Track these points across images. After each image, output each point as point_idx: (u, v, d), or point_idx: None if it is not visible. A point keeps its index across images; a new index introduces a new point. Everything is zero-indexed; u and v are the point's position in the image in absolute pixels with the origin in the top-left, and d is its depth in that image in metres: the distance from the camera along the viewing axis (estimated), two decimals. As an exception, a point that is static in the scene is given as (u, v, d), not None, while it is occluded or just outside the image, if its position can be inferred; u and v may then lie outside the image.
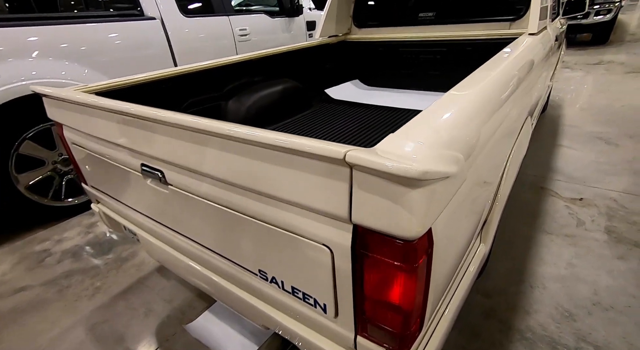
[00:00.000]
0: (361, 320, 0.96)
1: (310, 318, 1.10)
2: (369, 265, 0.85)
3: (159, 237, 1.64)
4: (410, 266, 0.78)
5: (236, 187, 1.03)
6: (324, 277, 0.96)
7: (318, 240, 0.90)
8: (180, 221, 1.37)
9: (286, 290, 1.11)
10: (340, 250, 0.87)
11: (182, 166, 1.15)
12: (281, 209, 0.95)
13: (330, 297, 0.98)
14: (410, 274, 0.80)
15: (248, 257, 1.17)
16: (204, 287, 1.54)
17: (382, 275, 0.84)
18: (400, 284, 0.82)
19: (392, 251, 0.79)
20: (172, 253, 1.55)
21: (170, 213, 1.39)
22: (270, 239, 1.03)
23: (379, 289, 0.87)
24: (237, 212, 1.07)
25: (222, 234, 1.20)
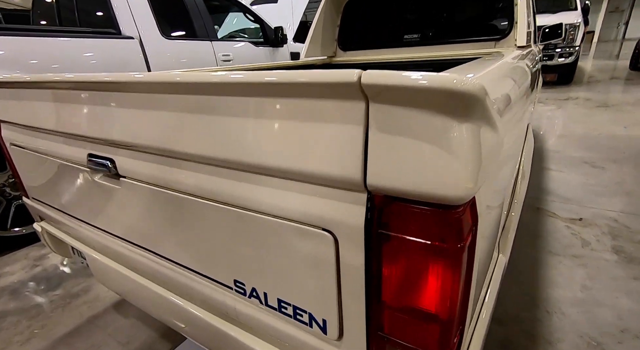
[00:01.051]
0: (377, 340, 0.69)
1: (304, 344, 0.81)
2: (391, 253, 0.60)
3: (111, 256, 1.33)
4: (453, 247, 0.54)
5: (208, 162, 0.78)
6: (323, 280, 0.69)
7: (315, 223, 0.65)
8: (135, 228, 1.08)
9: (270, 305, 0.83)
10: (347, 235, 0.62)
11: (137, 146, 0.90)
12: (266, 187, 0.71)
13: (332, 309, 0.71)
14: (452, 261, 0.55)
15: (221, 265, 0.89)
16: (168, 319, 1.21)
17: (411, 267, 0.59)
18: (438, 277, 0.57)
19: (426, 226, 0.55)
20: (128, 275, 1.23)
21: (123, 219, 1.10)
22: (250, 233, 0.77)
23: (404, 290, 0.61)
24: (208, 200, 0.82)
25: (188, 235, 0.93)
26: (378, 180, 0.55)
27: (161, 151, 0.86)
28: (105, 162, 1.01)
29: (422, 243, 0.56)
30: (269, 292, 0.82)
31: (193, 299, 1.06)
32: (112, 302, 2.17)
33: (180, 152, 0.80)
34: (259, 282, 0.83)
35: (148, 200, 0.97)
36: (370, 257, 0.62)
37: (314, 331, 0.77)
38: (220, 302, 0.95)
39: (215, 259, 0.89)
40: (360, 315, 0.68)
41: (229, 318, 0.99)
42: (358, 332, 0.70)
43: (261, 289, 0.83)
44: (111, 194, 1.09)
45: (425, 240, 0.55)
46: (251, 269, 0.82)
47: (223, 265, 0.89)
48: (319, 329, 0.75)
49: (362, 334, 0.69)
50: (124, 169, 0.98)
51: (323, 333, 0.75)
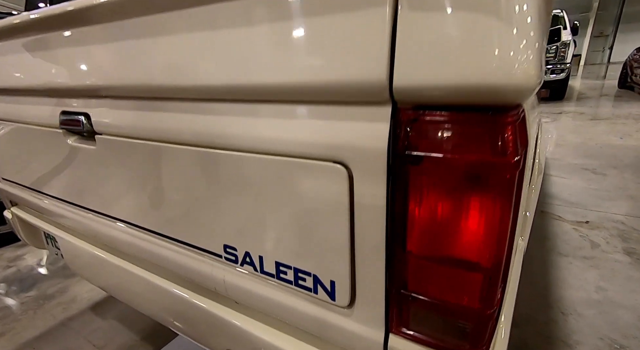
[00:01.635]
0: (399, 302, 0.56)
1: (306, 317, 0.67)
2: (421, 184, 0.48)
3: (86, 237, 1.18)
4: (506, 163, 0.42)
5: (194, 95, 0.66)
6: (332, 230, 0.57)
7: (323, 154, 0.54)
8: (113, 197, 0.95)
9: (266, 272, 0.69)
10: (365, 165, 0.51)
11: (114, 89, 0.78)
12: (263, 117, 0.59)
13: (343, 266, 0.58)
14: (503, 186, 0.44)
15: (210, 229, 0.76)
16: (149, 308, 1.06)
17: (447, 200, 0.47)
18: (483, 212, 0.45)
19: (470, 139, 0.43)
20: (105, 258, 1.08)
21: (100, 188, 0.97)
22: (244, 182, 0.65)
23: (438, 234, 0.49)
24: (195, 146, 0.69)
25: (171, 197, 0.80)
26: (408, 80, 0.43)
27: (140, 91, 0.74)
28: (79, 117, 0.88)
29: (464, 163, 0.44)
30: (266, 256, 0.68)
31: (177, 279, 0.92)
32: (89, 303, 1.98)
33: (161, 86, 0.68)
34: (253, 245, 0.69)
35: (127, 159, 0.84)
36: (394, 192, 0.50)
37: (319, 298, 0.63)
38: (207, 276, 0.81)
39: (204, 223, 0.76)
40: (378, 271, 0.55)
41: (218, 297, 0.85)
42: (375, 294, 0.57)
43: (256, 252, 0.70)
44: (87, 159, 0.96)
45: (469, 158, 0.44)
46: (244, 230, 0.69)
47: (212, 229, 0.75)
48: (326, 294, 0.62)
49: (380, 295, 0.56)
50: (100, 123, 0.86)
51: (330, 299, 0.62)
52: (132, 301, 1.12)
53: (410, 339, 0.56)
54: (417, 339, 0.55)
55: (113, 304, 1.96)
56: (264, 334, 0.75)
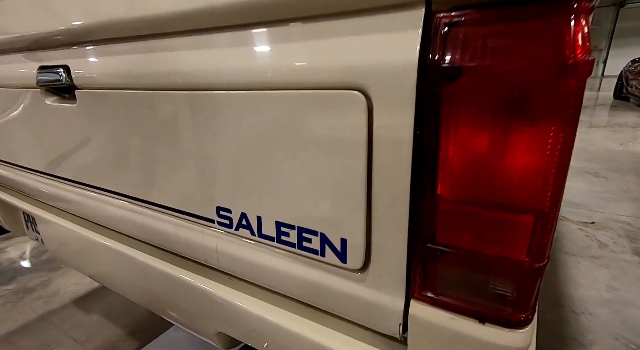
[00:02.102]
0: (424, 259, 0.47)
1: (310, 287, 0.58)
2: (461, 103, 0.39)
3: (67, 213, 1.08)
4: (575, 66, 0.34)
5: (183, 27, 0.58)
6: (344, 175, 0.48)
7: (336, 81, 0.45)
8: (94, 162, 0.86)
9: (265, 235, 0.60)
10: (389, 86, 0.42)
11: (95, 29, 0.69)
12: (266, 44, 0.51)
13: (357, 219, 0.49)
14: (568, 99, 0.35)
15: (202, 191, 0.67)
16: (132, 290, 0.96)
17: (493, 121, 0.39)
18: (543, 131, 0.37)
19: (526, 36, 0.35)
20: (86, 236, 0.98)
21: (80, 154, 0.88)
22: (241, 129, 0.56)
23: (480, 165, 0.40)
24: (184, 90, 0.61)
25: (158, 154, 0.71)
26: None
27: (123, 28, 0.65)
28: (58, 71, 0.79)
29: (517, 75, 0.36)
30: (265, 216, 0.59)
31: (164, 254, 0.83)
32: (73, 297, 1.86)
33: (147, 17, 0.60)
34: (250, 204, 0.60)
35: (108, 115, 0.75)
36: (423, 121, 0.42)
37: (327, 261, 0.54)
38: (198, 245, 0.71)
39: (195, 183, 0.67)
40: (400, 222, 0.46)
41: (209, 272, 0.75)
42: (394, 252, 0.48)
43: (253, 212, 0.60)
44: (67, 121, 0.86)
45: (523, 66, 0.35)
46: (241, 187, 0.60)
47: (204, 190, 0.66)
48: (335, 256, 0.53)
49: (401, 252, 0.47)
50: (80, 76, 0.77)
51: (340, 261, 0.52)
52: (116, 284, 1.02)
53: (436, 305, 0.47)
54: (445, 304, 0.46)
55: (99, 298, 1.85)
56: (261, 311, 0.65)
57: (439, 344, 0.48)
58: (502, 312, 0.43)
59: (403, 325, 0.50)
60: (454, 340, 0.46)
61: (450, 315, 0.46)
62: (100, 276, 1.07)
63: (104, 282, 1.07)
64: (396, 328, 0.51)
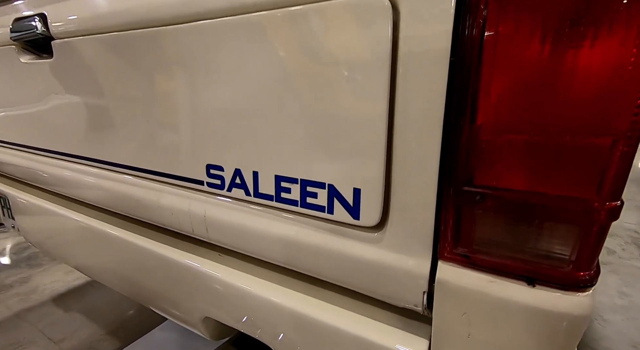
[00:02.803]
0: (458, 208, 0.38)
1: (315, 254, 0.49)
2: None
3: (37, 188, 0.99)
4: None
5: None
6: (359, 107, 0.40)
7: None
8: (72, 125, 0.77)
9: (263, 194, 0.51)
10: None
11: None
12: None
13: (375, 163, 0.40)
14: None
15: (189, 148, 0.58)
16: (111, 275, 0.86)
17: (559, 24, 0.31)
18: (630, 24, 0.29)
19: None
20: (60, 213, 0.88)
21: (57, 117, 0.79)
22: (237, 64, 0.48)
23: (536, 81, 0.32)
24: (169, 25, 0.53)
25: (143, 107, 0.62)
26: None
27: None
28: (33, 19, 0.71)
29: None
30: (262, 170, 0.50)
31: (145, 229, 0.73)
32: (52, 295, 1.74)
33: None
34: (245, 158, 0.52)
35: (86, 66, 0.67)
36: (462, 26, 0.34)
37: (336, 219, 0.45)
38: (184, 213, 0.62)
39: (181, 139, 0.59)
40: (428, 161, 0.38)
41: (195, 247, 0.66)
42: (420, 201, 0.39)
43: (249, 168, 0.52)
44: (42, 80, 0.78)
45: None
46: (234, 138, 0.52)
47: (192, 146, 0.58)
48: (346, 211, 0.44)
49: (430, 199, 0.38)
50: (58, 22, 0.69)
51: (352, 218, 0.44)
52: (93, 267, 0.91)
53: (471, 266, 0.38)
54: (483, 264, 0.37)
55: (79, 295, 1.73)
56: (256, 289, 0.56)
57: (474, 316, 0.38)
58: (558, 270, 0.34)
59: (428, 294, 0.41)
60: (494, 310, 0.37)
61: (489, 278, 0.37)
62: (75, 259, 0.97)
63: (79, 266, 0.97)
64: (419, 299, 0.42)
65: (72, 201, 0.89)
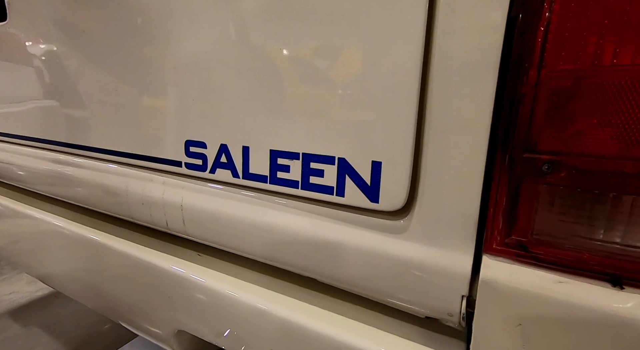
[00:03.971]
0: (515, 183, 0.29)
1: (319, 248, 0.39)
2: None
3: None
4: None
5: None
6: (382, 51, 0.31)
7: None
8: (27, 102, 0.66)
9: (254, 175, 0.41)
10: None
11: None
12: None
13: (403, 122, 0.31)
14: None
15: (164, 120, 0.48)
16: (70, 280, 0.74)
17: None
18: None
19: None
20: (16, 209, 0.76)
21: (5, 93, 0.68)
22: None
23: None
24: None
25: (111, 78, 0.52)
26: None
27: None
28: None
29: None
30: (254, 144, 0.41)
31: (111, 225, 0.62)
32: (9, 307, 1.57)
33: None
34: (233, 130, 0.42)
35: (48, 26, 0.57)
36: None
37: (348, 203, 0.35)
38: (156, 204, 0.51)
39: (154, 111, 0.48)
40: (476, 118, 0.29)
41: (170, 246, 0.55)
42: (461, 172, 0.30)
43: (237, 143, 0.42)
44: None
45: None
46: (219, 106, 0.42)
47: (167, 119, 0.48)
48: (361, 192, 0.34)
49: (475, 171, 0.29)
50: None
51: (369, 200, 0.34)
52: (50, 272, 0.78)
53: (531, 262, 0.29)
54: (548, 259, 0.28)
55: (41, 308, 1.56)
56: (243, 295, 0.45)
57: (532, 329, 0.29)
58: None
59: (468, 301, 0.32)
60: (563, 321, 0.28)
61: (557, 277, 0.28)
62: (32, 264, 0.84)
63: (38, 274, 0.83)
64: (455, 306, 0.32)
65: (30, 195, 0.77)
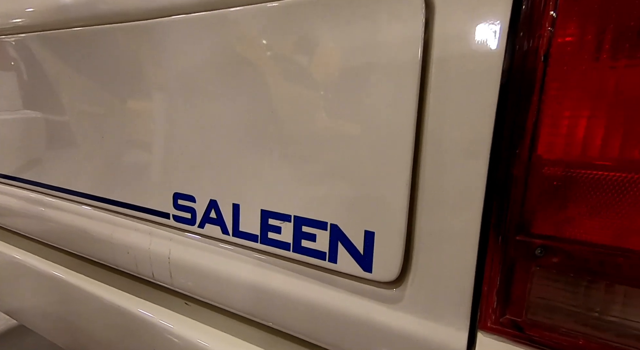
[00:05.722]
0: (510, 264, 0.29)
1: (311, 313, 0.38)
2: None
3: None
4: None
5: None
6: (376, 122, 0.31)
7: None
8: (10, 142, 0.64)
9: (244, 233, 0.40)
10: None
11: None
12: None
13: (396, 195, 0.31)
14: None
15: (152, 170, 0.47)
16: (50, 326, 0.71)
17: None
18: None
19: None
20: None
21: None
22: (214, 68, 0.38)
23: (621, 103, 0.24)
24: (129, 22, 0.43)
25: (96, 123, 0.51)
26: None
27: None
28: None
29: None
30: (245, 203, 0.40)
31: (94, 271, 0.60)
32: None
33: None
34: (224, 187, 0.41)
35: (30, 66, 0.56)
36: (526, 20, 0.26)
37: (340, 270, 0.35)
38: (142, 254, 0.50)
39: (142, 160, 0.47)
40: (468, 198, 0.29)
41: (156, 295, 0.53)
42: (456, 248, 0.30)
43: (228, 200, 0.41)
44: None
45: None
46: (210, 161, 0.41)
47: (156, 169, 0.47)
48: (354, 261, 0.34)
49: (469, 249, 0.29)
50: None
51: (362, 269, 0.33)
52: (27, 314, 0.75)
53: (526, 342, 0.28)
54: (543, 340, 0.28)
55: (15, 337, 1.50)
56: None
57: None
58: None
59: (462, 376, 0.31)
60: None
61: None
62: (12, 307, 0.80)
63: (18, 316, 0.80)
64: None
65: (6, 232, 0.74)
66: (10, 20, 0.52)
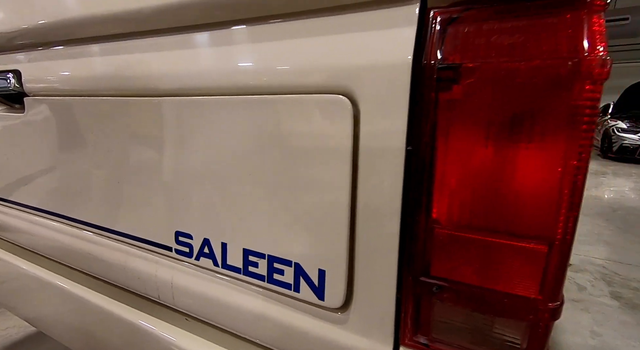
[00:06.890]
0: (417, 296, 0.39)
1: (281, 330, 0.48)
2: (464, 110, 0.34)
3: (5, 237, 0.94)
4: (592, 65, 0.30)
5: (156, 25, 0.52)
6: (323, 192, 0.41)
7: (316, 84, 0.40)
8: (40, 180, 0.75)
9: (230, 266, 0.51)
10: (380, 88, 0.37)
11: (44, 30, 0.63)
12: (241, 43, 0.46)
13: (338, 245, 0.41)
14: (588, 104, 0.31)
15: (158, 213, 0.58)
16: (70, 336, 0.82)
17: (501, 131, 0.33)
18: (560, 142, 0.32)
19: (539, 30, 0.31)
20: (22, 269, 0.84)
21: (25, 170, 0.77)
22: (208, 141, 0.49)
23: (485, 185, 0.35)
24: (152, 96, 0.54)
25: (112, 169, 0.62)
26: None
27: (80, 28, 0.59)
28: (7, 76, 0.71)
29: (532, 73, 0.31)
30: (231, 242, 0.51)
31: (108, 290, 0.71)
32: (3, 343, 1.62)
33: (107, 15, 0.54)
34: (215, 229, 0.52)
35: (61, 125, 0.67)
36: (418, 129, 0.36)
37: (301, 298, 0.45)
38: (150, 278, 0.60)
39: (152, 204, 0.58)
40: (388, 250, 0.39)
41: (161, 311, 0.64)
42: (381, 286, 0.40)
43: (218, 239, 0.52)
44: (12, 135, 0.77)
45: (539, 64, 0.31)
46: (204, 209, 0.52)
47: (162, 212, 0.57)
48: (312, 291, 0.44)
49: (389, 287, 0.40)
50: (32, 80, 0.69)
51: (317, 298, 0.44)
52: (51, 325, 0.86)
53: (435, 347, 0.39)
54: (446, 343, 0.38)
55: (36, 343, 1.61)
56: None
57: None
58: None
59: (391, 381, 0.41)
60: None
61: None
62: (34, 317, 0.92)
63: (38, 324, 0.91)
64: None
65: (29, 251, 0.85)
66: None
